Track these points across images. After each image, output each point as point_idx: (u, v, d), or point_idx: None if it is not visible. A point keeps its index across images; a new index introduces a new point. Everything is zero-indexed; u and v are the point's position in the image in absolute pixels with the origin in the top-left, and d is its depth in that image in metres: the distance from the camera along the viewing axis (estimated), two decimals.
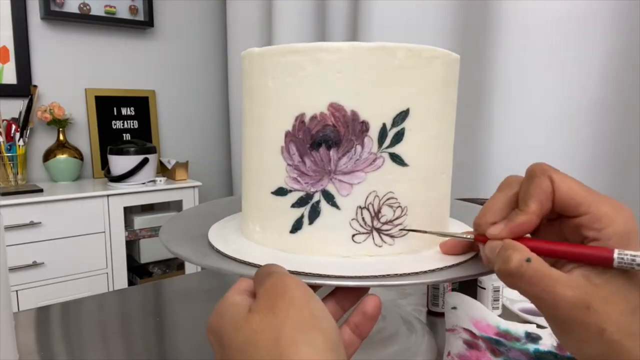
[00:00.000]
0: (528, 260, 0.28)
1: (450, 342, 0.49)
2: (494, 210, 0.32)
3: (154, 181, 1.84)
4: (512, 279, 0.28)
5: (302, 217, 0.37)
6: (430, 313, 0.64)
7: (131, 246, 1.88)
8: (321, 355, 0.24)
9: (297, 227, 0.37)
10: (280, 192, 0.38)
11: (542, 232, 0.32)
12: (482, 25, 1.21)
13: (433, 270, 0.34)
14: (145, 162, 1.79)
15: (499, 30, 1.17)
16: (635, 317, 0.26)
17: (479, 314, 0.55)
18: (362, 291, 0.33)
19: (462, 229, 0.45)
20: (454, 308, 0.55)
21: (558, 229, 0.31)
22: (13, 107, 1.76)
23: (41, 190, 1.63)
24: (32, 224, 1.54)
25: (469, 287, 0.63)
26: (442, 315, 0.62)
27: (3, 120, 1.70)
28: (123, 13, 1.97)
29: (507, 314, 0.62)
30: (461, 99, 0.42)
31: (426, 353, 0.48)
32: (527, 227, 0.30)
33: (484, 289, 0.62)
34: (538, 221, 0.30)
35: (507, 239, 0.30)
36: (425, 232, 0.37)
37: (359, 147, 0.35)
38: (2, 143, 1.69)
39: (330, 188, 0.36)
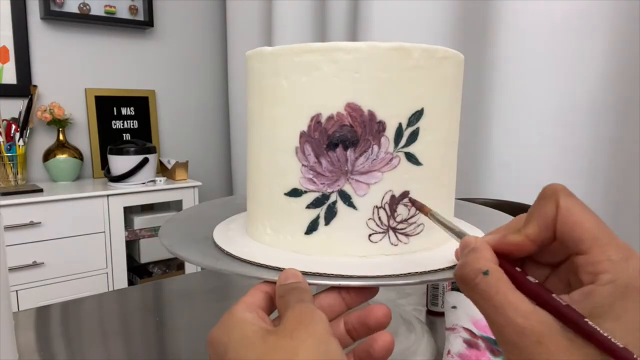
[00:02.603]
0: (485, 273, 0.25)
1: (450, 341, 0.49)
2: (511, 223, 0.29)
3: (153, 181, 1.84)
4: (464, 287, 0.26)
5: (317, 218, 0.37)
6: (429, 312, 0.64)
7: (131, 246, 1.87)
8: None
9: (312, 228, 0.37)
10: (295, 193, 0.37)
11: (551, 277, 0.28)
12: (481, 25, 1.21)
13: (450, 267, 0.34)
14: (145, 162, 1.78)
15: (498, 31, 1.17)
16: None
17: (478, 314, 0.55)
18: (370, 292, 0.33)
19: (466, 227, 0.45)
20: (454, 307, 0.55)
21: (565, 273, 0.27)
22: (13, 107, 1.75)
23: (41, 190, 1.62)
24: (32, 224, 1.53)
25: None
26: (441, 314, 0.62)
27: (3, 120, 1.69)
28: (123, 13, 1.97)
29: None
30: (461, 99, 0.43)
31: (425, 352, 0.48)
32: (516, 248, 0.27)
33: None
34: (532, 247, 0.27)
35: (480, 242, 0.27)
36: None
37: (375, 147, 0.35)
38: (2, 143, 1.68)
39: (347, 188, 0.36)
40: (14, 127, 1.71)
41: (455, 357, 0.46)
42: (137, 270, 1.94)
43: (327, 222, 0.36)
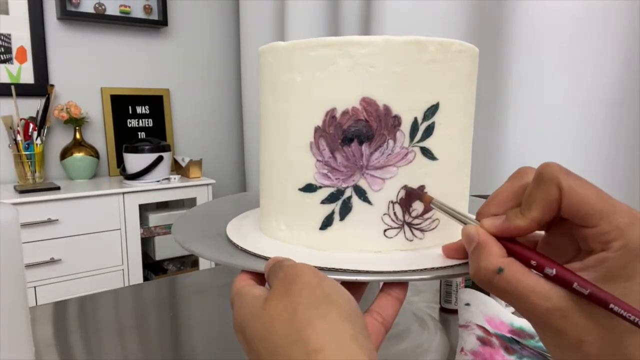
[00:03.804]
0: (499, 270, 0.26)
1: (464, 338, 0.48)
2: (499, 200, 0.30)
3: (168, 179, 1.85)
4: (485, 287, 0.27)
5: (332, 213, 0.36)
6: (442, 310, 0.64)
7: (146, 243, 1.89)
8: (336, 326, 0.24)
9: (327, 223, 0.37)
10: (309, 188, 0.37)
11: (552, 230, 0.29)
12: (496, 21, 1.20)
13: (466, 263, 0.34)
14: (159, 160, 1.80)
15: (513, 26, 1.15)
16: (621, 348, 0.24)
17: (492, 311, 0.54)
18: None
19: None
20: (468, 304, 0.55)
21: (569, 230, 0.28)
22: (31, 106, 1.78)
23: (58, 188, 1.65)
24: (49, 221, 1.56)
25: None
26: (454, 312, 0.61)
27: (21, 119, 1.72)
28: (137, 12, 1.99)
29: None
30: (476, 95, 0.42)
31: (438, 350, 0.48)
32: (522, 232, 0.28)
33: None
34: (537, 228, 0.28)
35: (483, 236, 0.28)
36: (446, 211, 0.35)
37: (391, 142, 0.35)
38: (20, 142, 1.71)
39: (362, 183, 0.35)
40: (31, 126, 1.73)
41: (469, 354, 0.45)
42: (152, 267, 1.96)
43: (342, 218, 0.36)
